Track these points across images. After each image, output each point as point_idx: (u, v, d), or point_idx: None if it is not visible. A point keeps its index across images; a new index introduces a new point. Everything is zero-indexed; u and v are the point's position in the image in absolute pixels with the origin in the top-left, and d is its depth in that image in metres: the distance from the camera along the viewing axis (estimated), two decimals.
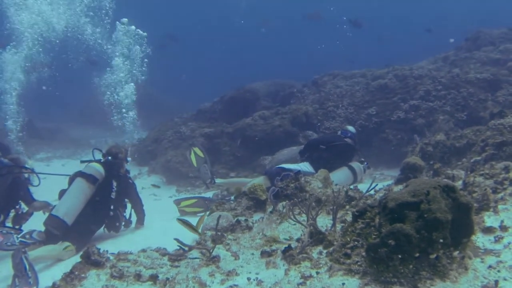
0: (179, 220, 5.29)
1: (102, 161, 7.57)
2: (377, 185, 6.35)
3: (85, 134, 25.61)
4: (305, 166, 8.99)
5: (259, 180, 8.58)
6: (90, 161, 7.52)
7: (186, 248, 5.08)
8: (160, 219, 8.53)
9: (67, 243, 6.45)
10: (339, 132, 10.26)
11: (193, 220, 5.33)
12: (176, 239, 5.05)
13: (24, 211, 7.46)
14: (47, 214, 6.98)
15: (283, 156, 11.47)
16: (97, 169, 7.22)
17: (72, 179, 7.16)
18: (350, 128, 10.47)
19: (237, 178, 11.07)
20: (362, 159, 9.80)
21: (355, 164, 9.26)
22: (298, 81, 19.88)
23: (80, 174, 7.12)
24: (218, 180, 10.10)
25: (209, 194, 10.38)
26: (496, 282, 3.30)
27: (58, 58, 18.11)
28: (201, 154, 10.31)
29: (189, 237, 5.69)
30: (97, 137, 23.61)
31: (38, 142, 20.98)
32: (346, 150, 9.52)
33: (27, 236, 6.48)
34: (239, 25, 48.84)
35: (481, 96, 12.76)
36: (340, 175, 8.61)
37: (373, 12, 51.11)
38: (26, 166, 7.94)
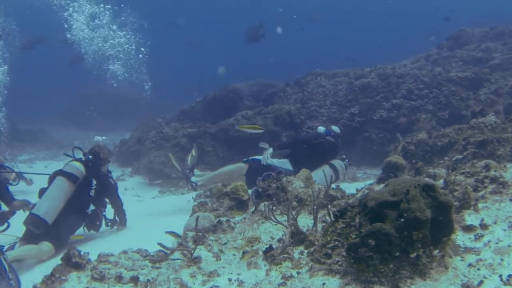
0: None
1: (83, 160, 7.50)
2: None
3: (68, 135, 25.46)
4: (285, 164, 9.05)
5: (233, 168, 8.73)
6: (72, 156, 7.47)
7: (168, 252, 5.05)
8: (143, 221, 8.49)
9: (46, 243, 6.39)
10: (322, 129, 10.26)
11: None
12: (159, 244, 5.04)
13: (5, 210, 7.39)
14: (27, 213, 6.91)
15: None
16: (78, 167, 7.15)
17: (52, 178, 7.09)
18: (335, 128, 10.50)
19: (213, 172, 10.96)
20: (344, 156, 9.84)
21: (336, 162, 9.29)
22: (281, 81, 19.89)
23: (60, 172, 7.05)
24: (196, 172, 10.10)
25: (192, 194, 10.36)
26: (481, 282, 3.31)
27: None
28: (194, 153, 10.35)
29: (171, 239, 5.64)
30: (80, 138, 23.47)
31: (20, 144, 20.83)
32: (328, 148, 9.54)
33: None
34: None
35: (463, 94, 12.85)
36: (321, 174, 8.62)
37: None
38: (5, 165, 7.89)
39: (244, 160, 9.35)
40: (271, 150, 9.69)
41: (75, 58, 20.33)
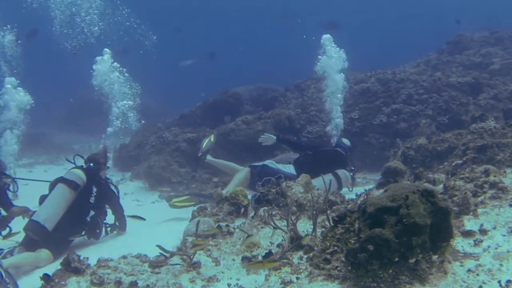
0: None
1: (84, 167, 7.50)
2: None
3: (69, 139, 25.42)
4: (289, 169, 9.06)
5: (241, 175, 8.73)
6: (74, 163, 7.48)
7: (168, 255, 5.05)
8: (142, 225, 8.47)
9: (44, 250, 6.38)
10: (334, 139, 10.28)
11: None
12: (158, 246, 5.03)
13: (5, 215, 7.39)
14: (26, 219, 6.90)
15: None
16: (79, 175, 7.13)
17: (53, 185, 7.08)
18: (345, 140, 10.55)
19: (227, 162, 10.99)
20: (353, 168, 9.81)
21: (340, 172, 9.25)
22: (281, 86, 19.88)
23: (61, 180, 7.04)
24: (209, 157, 10.17)
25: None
26: (480, 287, 3.31)
27: None
28: (212, 139, 10.78)
29: (171, 244, 5.64)
30: (80, 143, 23.44)
31: (20, 148, 20.77)
32: (334, 157, 9.52)
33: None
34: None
35: (463, 99, 12.82)
36: (322, 182, 8.61)
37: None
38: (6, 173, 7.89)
39: (250, 165, 9.38)
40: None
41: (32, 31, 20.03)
